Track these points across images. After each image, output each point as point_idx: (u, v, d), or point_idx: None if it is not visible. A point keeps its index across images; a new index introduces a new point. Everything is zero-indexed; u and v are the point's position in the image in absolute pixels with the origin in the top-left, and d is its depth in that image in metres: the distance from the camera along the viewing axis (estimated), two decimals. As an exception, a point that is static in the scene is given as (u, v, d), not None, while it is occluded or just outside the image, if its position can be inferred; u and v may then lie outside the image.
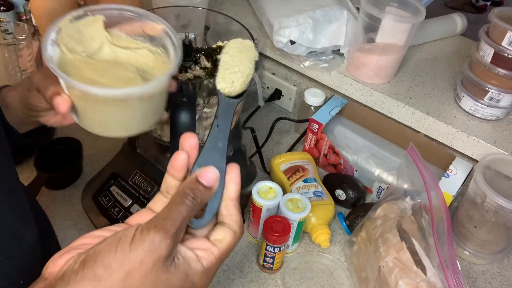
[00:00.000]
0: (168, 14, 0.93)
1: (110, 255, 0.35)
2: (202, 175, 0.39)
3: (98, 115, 0.51)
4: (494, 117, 0.90)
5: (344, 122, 1.02)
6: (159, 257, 0.35)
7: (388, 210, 0.78)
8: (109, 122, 0.51)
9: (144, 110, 0.50)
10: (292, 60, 1.01)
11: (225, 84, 0.45)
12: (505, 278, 0.85)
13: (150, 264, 0.35)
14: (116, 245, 0.35)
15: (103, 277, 0.34)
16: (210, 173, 0.40)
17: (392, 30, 0.90)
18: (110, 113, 0.50)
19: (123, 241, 0.35)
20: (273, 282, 0.79)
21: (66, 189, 0.90)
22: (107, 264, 0.35)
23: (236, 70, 0.46)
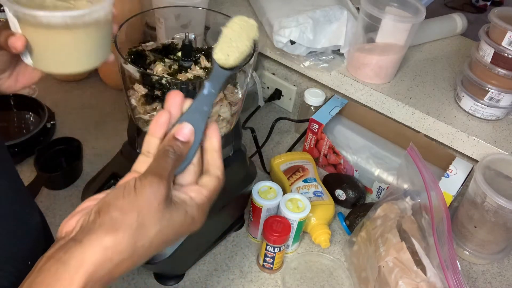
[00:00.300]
0: (168, 14, 0.93)
1: (120, 201, 0.40)
2: (178, 132, 0.45)
3: (51, 49, 0.54)
4: (494, 117, 0.90)
5: (344, 122, 1.02)
6: (161, 197, 0.41)
7: (388, 210, 0.78)
8: (61, 55, 0.54)
9: (92, 40, 0.55)
10: (292, 60, 1.01)
11: (221, 55, 0.49)
12: (505, 278, 0.85)
13: (155, 203, 0.40)
14: (123, 193, 0.41)
15: (119, 219, 0.39)
16: (185, 129, 0.45)
17: (392, 30, 0.90)
18: (61, 44, 0.53)
19: (127, 189, 0.41)
20: (273, 282, 0.80)
21: (66, 189, 0.90)
22: (120, 207, 0.40)
23: (233, 45, 0.49)
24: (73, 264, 0.38)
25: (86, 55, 0.56)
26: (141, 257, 0.41)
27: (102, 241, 0.39)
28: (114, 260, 0.39)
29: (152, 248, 0.42)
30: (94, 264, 0.38)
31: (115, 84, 1.12)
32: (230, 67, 0.50)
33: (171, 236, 0.43)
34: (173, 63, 0.71)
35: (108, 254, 0.39)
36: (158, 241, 0.42)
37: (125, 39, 0.72)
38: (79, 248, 0.38)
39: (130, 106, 0.73)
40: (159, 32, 0.98)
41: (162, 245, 0.43)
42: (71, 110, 1.07)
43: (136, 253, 0.40)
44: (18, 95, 1.01)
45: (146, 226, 0.40)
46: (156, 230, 0.41)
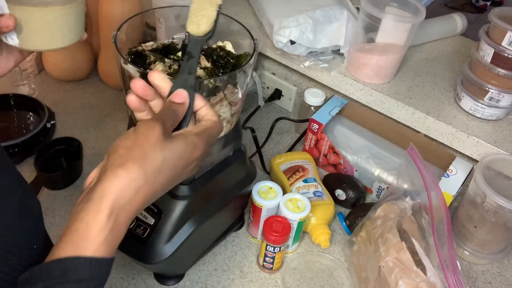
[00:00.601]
0: (168, 14, 0.93)
1: (124, 141, 0.47)
2: (174, 96, 0.52)
3: (38, 26, 0.57)
4: (494, 117, 0.90)
5: (344, 122, 1.02)
6: (157, 131, 0.47)
7: (388, 210, 0.78)
8: (49, 32, 0.58)
9: (74, 15, 0.60)
10: (292, 60, 1.01)
11: (193, 27, 0.57)
12: (505, 278, 0.85)
13: (153, 137, 0.47)
14: (125, 136, 0.48)
15: (125, 154, 0.46)
16: (181, 93, 0.52)
17: (392, 30, 0.90)
18: (49, 21, 0.57)
19: (128, 133, 0.48)
20: (273, 282, 0.79)
21: (66, 189, 0.90)
22: (124, 146, 0.47)
23: (200, 14, 0.57)
24: (96, 197, 0.44)
25: (69, 31, 0.60)
26: (155, 184, 0.47)
27: (116, 173, 0.45)
28: (131, 187, 0.45)
29: (163, 176, 0.48)
30: (114, 192, 0.44)
31: (115, 84, 1.12)
32: (204, 34, 0.57)
33: (178, 163, 0.49)
34: (173, 63, 0.71)
35: (124, 182, 0.45)
36: (167, 169, 0.48)
37: (125, 39, 0.72)
38: (99, 185, 0.45)
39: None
40: (159, 32, 0.98)
41: (173, 173, 0.49)
42: (71, 110, 1.07)
43: (149, 180, 0.46)
44: (18, 95, 1.01)
45: (150, 155, 0.46)
46: (161, 158, 0.47)
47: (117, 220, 0.44)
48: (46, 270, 0.42)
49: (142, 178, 0.46)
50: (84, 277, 0.42)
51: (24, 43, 0.57)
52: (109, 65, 1.09)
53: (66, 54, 1.08)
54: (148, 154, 0.46)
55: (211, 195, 0.75)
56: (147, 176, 0.46)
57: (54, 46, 0.60)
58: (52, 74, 1.13)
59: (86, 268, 0.42)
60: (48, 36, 0.58)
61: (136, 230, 0.74)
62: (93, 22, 1.13)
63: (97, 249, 0.43)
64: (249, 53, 0.70)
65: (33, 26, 0.56)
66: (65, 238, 0.43)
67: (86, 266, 0.42)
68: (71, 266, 0.42)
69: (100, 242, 0.43)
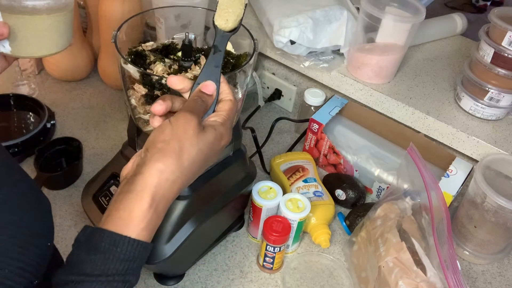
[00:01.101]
0: (168, 14, 0.93)
1: (161, 135, 0.50)
2: (204, 88, 0.55)
3: (32, 33, 0.58)
4: (494, 117, 0.90)
5: (344, 122, 1.02)
6: (194, 125, 0.51)
7: (388, 210, 0.78)
8: (42, 39, 0.59)
9: (66, 22, 0.62)
10: (292, 60, 1.01)
11: (221, 21, 0.58)
12: (505, 278, 0.85)
13: (190, 131, 0.50)
14: (162, 129, 0.51)
15: (164, 148, 0.49)
16: (210, 86, 0.56)
17: (392, 30, 0.90)
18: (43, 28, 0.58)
19: (164, 125, 0.51)
20: (273, 282, 0.80)
21: (66, 189, 0.90)
22: (162, 139, 0.50)
23: (229, 11, 0.58)
24: (138, 189, 0.48)
25: (61, 37, 0.62)
26: (189, 174, 0.51)
27: (156, 167, 0.49)
28: (169, 179, 0.49)
29: (196, 166, 0.51)
30: (155, 185, 0.48)
31: (115, 84, 1.12)
32: (230, 30, 0.59)
33: (209, 153, 0.52)
34: (173, 63, 0.71)
35: (163, 176, 0.49)
36: (199, 160, 0.51)
37: (125, 39, 0.72)
38: (140, 177, 0.49)
39: (130, 106, 0.73)
40: (159, 32, 0.98)
41: (203, 163, 0.53)
42: (71, 110, 1.07)
43: (185, 171, 0.50)
44: (18, 95, 1.02)
45: (187, 148, 0.50)
46: (196, 150, 0.51)
47: (156, 209, 0.49)
48: (95, 239, 0.47)
49: (179, 170, 0.49)
50: (127, 256, 0.47)
51: (17, 50, 0.58)
52: (109, 65, 1.09)
53: (66, 54, 1.08)
54: (184, 147, 0.50)
55: (211, 195, 0.75)
56: (183, 168, 0.50)
57: (46, 52, 0.62)
58: (52, 74, 1.13)
59: (131, 248, 0.47)
60: (41, 43, 0.60)
61: (136, 230, 0.74)
62: (93, 22, 1.13)
63: (138, 234, 0.48)
64: (249, 53, 0.70)
65: (27, 33, 0.57)
66: (108, 225, 0.47)
67: (131, 245, 0.47)
68: (119, 241, 0.46)
69: (142, 229, 0.48)
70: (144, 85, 0.67)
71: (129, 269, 0.47)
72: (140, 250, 0.48)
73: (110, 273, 0.46)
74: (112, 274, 0.46)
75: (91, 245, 0.47)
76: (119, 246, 0.47)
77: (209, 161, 0.54)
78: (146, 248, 0.49)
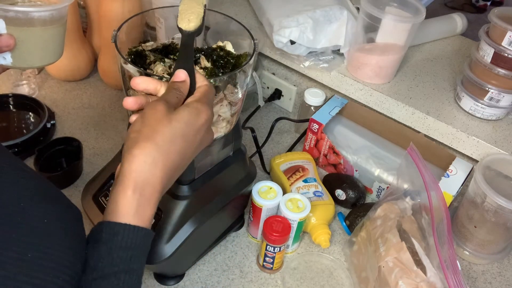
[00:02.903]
0: (168, 14, 0.93)
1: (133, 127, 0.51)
2: (175, 76, 0.56)
3: (34, 44, 0.60)
4: (494, 117, 0.90)
5: (344, 122, 1.02)
6: (161, 108, 0.51)
7: (388, 210, 0.78)
8: (43, 49, 0.61)
9: (64, 31, 0.64)
10: (292, 60, 1.01)
11: (184, 23, 0.61)
12: (505, 278, 0.85)
13: (158, 113, 0.51)
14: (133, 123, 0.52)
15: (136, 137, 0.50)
16: (180, 72, 0.56)
17: (392, 30, 0.90)
18: (46, 38, 0.60)
19: (135, 119, 0.52)
20: (273, 282, 0.79)
21: (66, 189, 0.90)
22: (134, 130, 0.51)
23: (190, 12, 0.62)
24: (120, 179, 0.49)
25: (60, 46, 0.65)
26: (170, 154, 0.51)
27: (131, 153, 0.49)
28: (147, 161, 0.49)
29: (175, 144, 0.51)
30: (133, 170, 0.49)
31: (115, 84, 1.12)
32: (194, 28, 0.62)
33: (187, 130, 0.52)
34: (173, 63, 0.71)
35: (140, 159, 0.49)
36: (178, 137, 0.51)
37: (125, 39, 0.72)
38: (121, 169, 0.50)
39: (130, 106, 0.73)
40: (159, 32, 0.98)
41: (184, 141, 0.52)
42: (71, 110, 1.07)
43: (163, 151, 0.50)
44: (18, 95, 1.02)
45: (158, 129, 0.50)
46: (169, 129, 0.50)
47: (143, 194, 0.49)
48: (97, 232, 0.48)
49: (155, 150, 0.49)
50: (129, 244, 0.47)
51: (18, 61, 0.59)
52: (109, 65, 1.09)
53: (66, 54, 1.07)
54: (156, 129, 0.50)
55: (211, 195, 0.75)
56: (159, 147, 0.50)
57: (46, 62, 0.64)
58: (52, 74, 1.13)
59: (131, 234, 0.48)
60: (41, 54, 0.61)
61: (136, 230, 0.74)
62: (93, 22, 1.13)
63: (130, 222, 0.48)
64: (249, 53, 0.70)
65: (31, 45, 0.59)
66: (105, 219, 0.49)
67: (128, 231, 0.48)
68: (117, 230, 0.48)
69: (132, 216, 0.48)
70: (144, 85, 0.67)
71: (133, 257, 0.48)
72: (140, 237, 0.48)
73: (115, 263, 0.47)
74: (117, 264, 0.47)
75: (94, 238, 0.48)
76: (118, 234, 0.48)
77: (195, 139, 0.54)
78: (147, 235, 0.49)
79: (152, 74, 0.67)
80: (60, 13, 0.61)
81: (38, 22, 0.58)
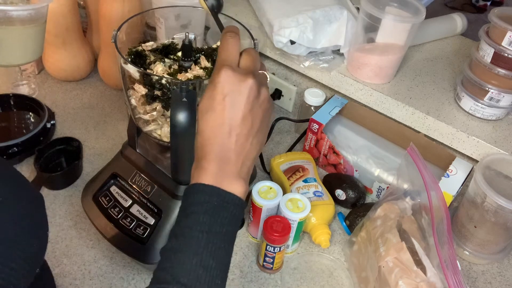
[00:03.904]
0: (168, 14, 0.93)
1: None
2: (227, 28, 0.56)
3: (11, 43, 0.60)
4: (494, 117, 0.90)
5: (344, 122, 1.02)
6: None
7: (388, 210, 0.78)
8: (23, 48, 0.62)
9: (43, 31, 0.64)
10: (292, 60, 1.01)
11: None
12: (505, 278, 0.85)
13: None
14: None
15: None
16: (232, 27, 0.56)
17: (392, 30, 0.90)
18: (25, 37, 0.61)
19: None
20: (273, 282, 0.80)
21: (66, 189, 0.90)
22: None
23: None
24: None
25: (39, 46, 0.65)
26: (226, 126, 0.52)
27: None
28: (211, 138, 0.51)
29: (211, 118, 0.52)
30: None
31: (115, 84, 1.12)
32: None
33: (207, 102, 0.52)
34: (173, 63, 0.71)
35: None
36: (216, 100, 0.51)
37: (125, 39, 0.72)
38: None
39: (130, 106, 0.73)
40: (159, 32, 0.98)
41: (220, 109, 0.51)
42: (71, 110, 1.07)
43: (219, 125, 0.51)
44: (18, 95, 1.02)
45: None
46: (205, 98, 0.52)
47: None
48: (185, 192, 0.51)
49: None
50: (205, 199, 0.49)
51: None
52: (109, 65, 1.09)
53: (66, 54, 1.08)
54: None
55: (211, 195, 0.75)
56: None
57: (24, 61, 0.65)
58: (52, 74, 1.13)
59: (207, 191, 0.50)
60: (21, 52, 0.62)
61: (136, 230, 0.74)
62: (93, 22, 1.13)
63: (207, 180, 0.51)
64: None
65: (8, 43, 0.60)
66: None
67: (204, 189, 0.50)
68: (197, 188, 0.50)
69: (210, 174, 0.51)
70: (144, 85, 0.67)
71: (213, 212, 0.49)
72: (215, 195, 0.49)
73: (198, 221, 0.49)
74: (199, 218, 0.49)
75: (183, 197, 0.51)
76: (198, 193, 0.49)
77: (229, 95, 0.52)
78: (220, 194, 0.50)
79: (152, 74, 0.67)
80: (39, 12, 0.61)
81: (17, 21, 0.58)
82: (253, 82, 0.52)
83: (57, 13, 1.00)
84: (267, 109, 0.55)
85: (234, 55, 0.53)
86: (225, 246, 0.50)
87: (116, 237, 0.75)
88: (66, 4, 1.00)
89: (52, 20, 0.97)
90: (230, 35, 0.54)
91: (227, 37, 0.54)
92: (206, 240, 0.48)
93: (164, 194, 0.75)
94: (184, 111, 0.61)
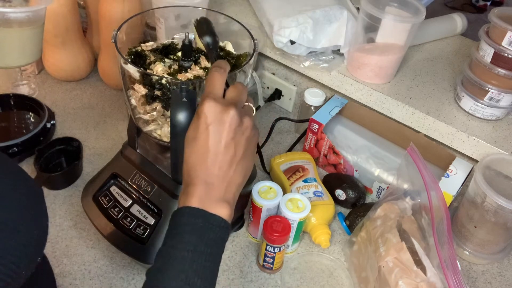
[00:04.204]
0: (168, 14, 0.93)
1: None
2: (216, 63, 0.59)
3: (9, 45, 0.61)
4: (494, 117, 0.90)
5: (344, 122, 1.02)
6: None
7: (388, 210, 0.78)
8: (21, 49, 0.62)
9: (42, 32, 0.64)
10: (292, 60, 1.01)
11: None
12: (505, 278, 0.85)
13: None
14: None
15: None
16: (221, 62, 0.59)
17: (392, 30, 0.90)
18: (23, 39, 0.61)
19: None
20: (273, 282, 0.79)
21: (66, 189, 0.90)
22: None
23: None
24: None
25: (37, 48, 0.66)
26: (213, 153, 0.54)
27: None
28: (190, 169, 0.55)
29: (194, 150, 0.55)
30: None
31: (115, 84, 1.12)
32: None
33: (192, 134, 0.55)
34: (173, 63, 0.71)
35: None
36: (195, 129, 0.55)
37: (125, 39, 0.72)
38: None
39: (130, 106, 0.73)
40: (159, 32, 0.98)
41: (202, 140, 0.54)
42: (71, 110, 1.07)
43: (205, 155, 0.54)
44: (18, 95, 1.01)
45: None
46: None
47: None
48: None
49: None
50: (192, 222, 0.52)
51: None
52: (109, 65, 1.09)
53: (66, 54, 1.08)
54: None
55: (211, 195, 0.74)
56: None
57: (22, 63, 0.65)
58: (52, 74, 1.13)
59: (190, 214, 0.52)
60: (18, 54, 0.62)
61: (136, 230, 0.74)
62: (93, 22, 1.13)
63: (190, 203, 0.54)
64: (249, 53, 0.70)
65: (6, 45, 0.60)
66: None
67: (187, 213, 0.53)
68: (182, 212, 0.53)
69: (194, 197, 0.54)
70: (144, 85, 0.67)
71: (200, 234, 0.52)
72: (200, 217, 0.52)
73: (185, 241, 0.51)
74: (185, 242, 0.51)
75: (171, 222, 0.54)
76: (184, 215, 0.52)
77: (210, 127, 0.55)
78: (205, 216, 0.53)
79: (152, 74, 0.67)
80: (37, 14, 0.61)
81: (15, 23, 0.58)
82: (234, 112, 0.54)
83: (57, 13, 1.00)
84: (250, 138, 0.57)
85: (218, 88, 0.56)
86: (211, 266, 0.52)
87: (116, 237, 0.75)
88: (66, 4, 1.00)
89: (52, 20, 0.97)
90: (216, 70, 0.57)
91: (213, 71, 0.57)
92: (191, 259, 0.50)
93: (164, 194, 0.75)
94: (184, 111, 0.61)
